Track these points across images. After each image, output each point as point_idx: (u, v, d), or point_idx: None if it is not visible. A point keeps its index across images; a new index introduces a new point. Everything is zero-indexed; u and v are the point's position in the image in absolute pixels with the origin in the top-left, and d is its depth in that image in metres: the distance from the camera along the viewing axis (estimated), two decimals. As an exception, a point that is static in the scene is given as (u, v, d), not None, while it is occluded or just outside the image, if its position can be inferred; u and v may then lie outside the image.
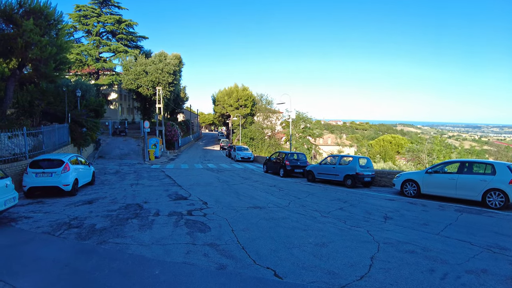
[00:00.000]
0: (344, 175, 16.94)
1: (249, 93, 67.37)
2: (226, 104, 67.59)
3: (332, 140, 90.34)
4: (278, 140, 63.20)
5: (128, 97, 56.84)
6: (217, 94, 72.25)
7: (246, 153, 36.48)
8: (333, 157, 19.15)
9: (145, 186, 15.10)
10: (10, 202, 8.84)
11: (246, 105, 66.10)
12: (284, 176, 20.78)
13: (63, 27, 17.70)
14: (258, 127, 62.84)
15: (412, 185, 13.75)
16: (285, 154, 21.93)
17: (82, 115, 25.46)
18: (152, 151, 32.02)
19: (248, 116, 66.35)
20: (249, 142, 57.96)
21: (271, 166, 23.02)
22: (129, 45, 50.53)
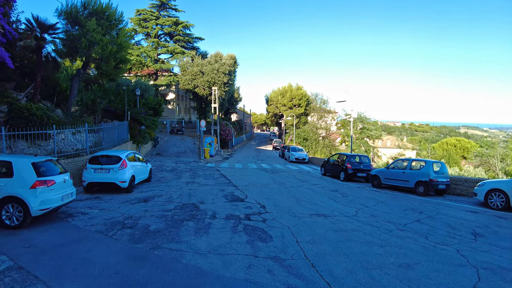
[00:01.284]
0: (416, 181, 15.00)
1: (303, 92, 65.67)
2: (280, 103, 66.59)
3: (391, 142, 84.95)
4: (332, 141, 60.68)
5: (185, 97, 58.39)
6: (270, 94, 71.56)
7: (300, 154, 35.06)
8: (402, 161, 17.17)
9: (201, 185, 14.62)
10: (67, 197, 8.65)
11: (300, 105, 64.50)
12: (345, 180, 19.18)
13: (123, 27, 17.94)
14: (312, 127, 60.91)
15: (499, 196, 11.62)
16: (346, 156, 20.28)
17: (141, 113, 26.09)
18: (207, 149, 32.09)
19: (301, 116, 64.70)
20: (302, 143, 56.35)
21: (330, 169, 21.48)
22: (186, 46, 51.76)
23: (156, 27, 49.16)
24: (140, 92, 33.10)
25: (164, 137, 39.65)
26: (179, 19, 49.95)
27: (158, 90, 46.92)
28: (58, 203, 8.16)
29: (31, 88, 17.00)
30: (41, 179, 7.86)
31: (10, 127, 12.75)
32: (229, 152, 42.28)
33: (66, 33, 15.76)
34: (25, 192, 7.62)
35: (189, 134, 42.87)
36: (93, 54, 15.39)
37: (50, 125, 13.56)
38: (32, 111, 13.07)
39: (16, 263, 5.60)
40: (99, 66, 16.71)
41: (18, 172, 7.78)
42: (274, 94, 69.38)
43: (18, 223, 7.64)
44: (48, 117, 13.77)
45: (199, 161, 28.08)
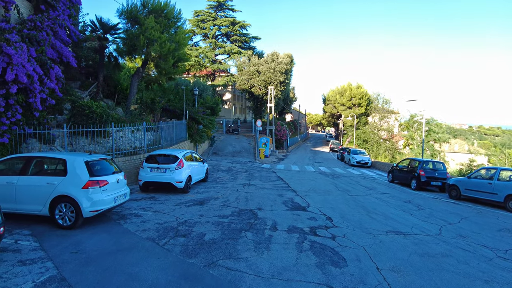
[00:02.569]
0: (506, 195, 12.53)
1: (364, 91, 62.14)
2: (338, 103, 63.79)
3: (459, 146, 77.15)
4: (395, 143, 56.44)
5: (241, 97, 58.48)
6: (328, 93, 68.98)
7: (362, 157, 32.55)
8: (487, 169, 14.60)
9: (258, 188, 13.65)
10: (120, 198, 8.15)
11: (360, 104, 61.13)
12: (417, 189, 16.94)
13: (181, 25, 17.69)
14: (372, 128, 57.29)
15: None
16: (418, 162, 17.97)
17: (199, 112, 26.04)
18: (262, 150, 31.29)
19: (361, 116, 61.26)
20: (362, 145, 53.16)
21: (398, 176, 19.25)
22: (242, 46, 51.67)
23: (214, 28, 49.69)
24: (198, 92, 33.35)
25: (220, 136, 39.74)
26: (236, 19, 49.99)
27: (215, 90, 47.36)
28: (110, 204, 7.67)
29: (94, 87, 17.43)
30: (93, 179, 7.41)
31: (72, 124, 12.94)
32: (284, 153, 41.12)
33: (126, 32, 15.84)
34: (78, 192, 7.21)
35: (245, 134, 42.55)
36: (152, 51, 15.25)
37: (109, 122, 13.57)
38: (92, 108, 13.14)
39: (59, 273, 5.04)
40: (157, 64, 16.59)
41: (72, 170, 7.40)
42: (332, 93, 66.75)
43: (70, 224, 7.26)
44: (107, 114, 13.80)
45: (254, 161, 27.34)
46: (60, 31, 12.99)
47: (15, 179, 7.49)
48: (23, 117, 11.29)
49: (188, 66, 48.27)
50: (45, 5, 12.83)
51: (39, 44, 11.87)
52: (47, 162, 7.82)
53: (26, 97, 11.36)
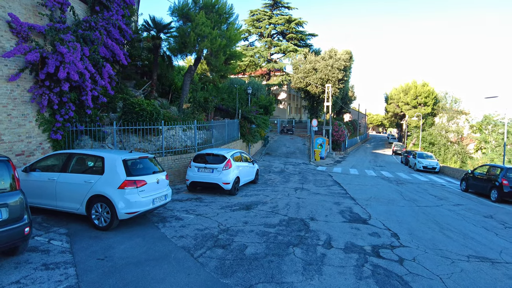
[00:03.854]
0: None
1: (430, 89, 56.95)
2: (401, 102, 59.30)
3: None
4: (464, 147, 50.75)
5: (296, 97, 57.15)
6: (390, 92, 64.58)
7: (430, 161, 29.30)
8: None
9: (311, 193, 12.42)
10: (160, 200, 7.57)
11: (426, 103, 56.12)
12: (498, 201, 14.29)
13: (233, 21, 17.10)
14: (440, 129, 52.18)
15: None
16: (500, 169, 15.22)
17: (252, 111, 25.42)
18: (318, 151, 29.75)
19: (427, 117, 56.22)
20: (427, 148, 48.62)
21: (474, 184, 16.59)
22: (298, 44, 50.32)
23: (269, 27, 49.02)
24: (252, 91, 32.85)
25: (274, 136, 38.88)
26: (292, 17, 48.81)
27: (270, 89, 46.67)
28: (147, 206, 7.11)
29: (148, 86, 17.57)
30: (130, 178, 6.90)
31: (123, 122, 12.94)
32: (342, 155, 38.95)
33: (178, 30, 15.63)
34: (113, 192, 6.74)
35: (299, 134, 41.19)
36: (202, 48, 14.81)
37: (159, 120, 13.40)
38: (143, 106, 13.01)
39: (78, 283, 4.49)
40: (209, 61, 16.19)
41: (109, 169, 6.98)
42: (395, 91, 62.33)
43: (105, 225, 6.83)
44: (157, 112, 13.63)
45: (309, 163, 25.97)
46: (113, 30, 13.07)
47: (55, 176, 7.29)
48: (75, 114, 11.43)
49: (244, 66, 48.22)
50: (100, 6, 13.00)
51: (93, 43, 11.98)
52: (86, 159, 7.52)
53: (79, 95, 11.49)
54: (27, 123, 10.00)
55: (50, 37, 10.38)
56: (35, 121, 10.27)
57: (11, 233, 4.76)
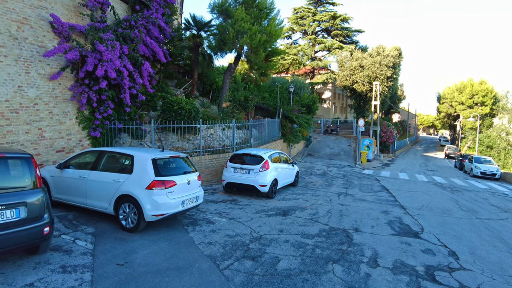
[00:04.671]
0: None
1: (489, 87, 51.94)
2: (455, 101, 54.84)
3: None
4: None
5: (341, 95, 55.20)
6: (443, 90, 60.11)
7: (489, 167, 26.39)
8: None
9: (356, 200, 11.39)
10: (190, 202, 7.15)
11: (484, 103, 51.28)
12: None
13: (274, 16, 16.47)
14: (499, 132, 47.30)
15: None
16: None
17: (293, 110, 24.62)
18: (364, 153, 28.15)
19: (485, 118, 51.34)
20: (485, 152, 44.24)
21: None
22: (344, 41, 48.48)
23: (313, 24, 47.74)
24: (295, 90, 31.98)
25: (317, 136, 37.65)
26: (337, 13, 47.12)
27: (313, 88, 45.41)
28: (175, 209, 6.70)
29: (188, 85, 17.50)
30: (159, 179, 6.54)
31: (162, 120, 12.85)
32: (390, 158, 36.70)
33: (217, 27, 15.34)
34: (141, 193, 6.42)
35: (344, 135, 39.51)
36: (241, 43, 14.34)
37: (198, 119, 13.16)
38: (181, 105, 12.83)
39: (92, 293, 4.10)
40: (248, 58, 15.72)
41: (137, 168, 6.67)
42: (448, 90, 57.88)
43: (132, 226, 6.53)
44: (196, 111, 13.40)
45: (354, 166, 24.58)
46: (152, 29, 13.05)
47: (86, 174, 7.16)
48: (114, 112, 11.49)
49: (287, 65, 47.44)
50: (140, 5, 13.04)
51: (132, 41, 12.00)
52: (117, 157, 7.30)
53: (118, 93, 11.56)
54: (68, 121, 10.16)
55: (90, 36, 10.48)
56: (75, 119, 10.42)
57: (29, 232, 4.55)
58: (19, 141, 8.71)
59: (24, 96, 8.83)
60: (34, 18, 9.03)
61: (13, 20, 8.51)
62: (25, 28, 8.80)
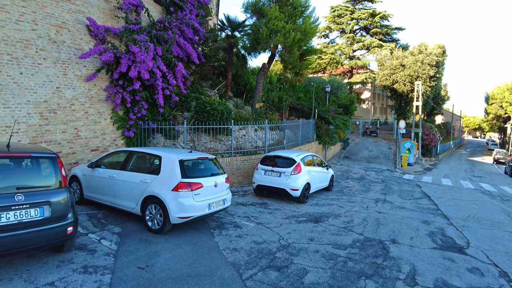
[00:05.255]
0: None
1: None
2: (506, 102, 50.82)
3: None
4: None
5: (381, 96, 53.12)
6: (492, 90, 56.05)
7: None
8: None
9: (394, 207, 10.63)
10: (217, 205, 6.94)
11: (542, 103, 47.14)
12: None
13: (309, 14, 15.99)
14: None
15: None
16: None
17: (329, 111, 23.86)
18: (405, 156, 26.70)
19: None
20: (540, 156, 40.47)
21: None
22: (383, 39, 46.60)
23: (351, 22, 46.34)
24: (333, 90, 31.06)
25: (355, 138, 36.41)
26: (376, 10, 45.41)
27: (351, 88, 44.05)
28: (201, 212, 6.52)
29: (222, 86, 17.46)
30: (185, 180, 6.39)
31: (195, 121, 12.86)
32: (432, 162, 34.61)
33: (251, 27, 15.14)
34: (166, 194, 6.31)
35: (384, 137, 37.89)
36: (275, 42, 14.02)
37: (230, 120, 13.03)
38: (214, 105, 12.76)
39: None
40: (282, 58, 15.37)
41: (165, 169, 6.58)
42: (498, 90, 53.83)
43: (158, 228, 6.44)
44: (228, 112, 13.27)
45: (394, 170, 23.36)
46: (186, 30, 13.09)
47: (115, 173, 7.20)
48: (148, 112, 11.63)
49: (324, 65, 46.43)
50: (174, 7, 13.13)
51: (166, 42, 12.10)
52: (145, 158, 7.27)
53: (152, 93, 11.69)
54: (102, 120, 10.39)
55: (124, 38, 10.67)
56: (110, 119, 10.65)
57: (52, 232, 4.56)
58: (56, 140, 9.00)
59: (61, 97, 9.12)
60: (72, 22, 9.30)
61: (52, 24, 8.81)
62: (63, 32, 9.09)
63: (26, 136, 8.39)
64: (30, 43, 8.39)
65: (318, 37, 48.33)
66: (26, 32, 8.29)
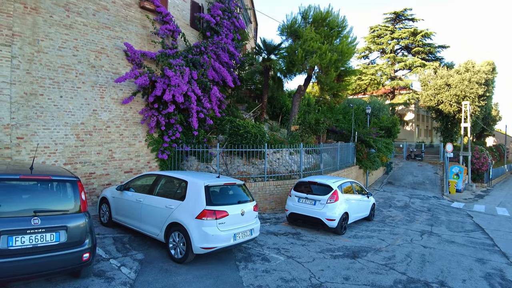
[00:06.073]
0: None
1: None
2: None
3: None
4: None
5: (426, 117, 50.57)
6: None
7: None
8: None
9: (442, 242, 9.48)
10: (243, 236, 6.50)
11: None
12: None
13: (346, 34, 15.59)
14: None
15: None
16: None
17: (370, 133, 22.81)
18: (453, 182, 24.69)
19: None
20: None
21: None
22: (426, 58, 44.79)
23: (392, 42, 45.15)
24: (374, 112, 29.96)
25: (399, 162, 34.52)
26: (417, 29, 43.96)
27: (394, 109, 42.36)
28: (226, 242, 6.11)
29: (258, 108, 17.33)
30: (210, 208, 6.06)
31: (229, 144, 12.69)
32: (484, 188, 31.73)
33: (286, 49, 15.02)
34: (190, 222, 6.00)
35: (430, 161, 35.59)
36: (310, 63, 13.70)
37: (264, 143, 12.72)
38: (247, 128, 12.54)
39: None
40: (319, 79, 14.98)
41: (190, 195, 6.31)
42: None
43: (181, 257, 6.11)
44: (262, 135, 12.97)
45: (441, 197, 21.58)
46: (222, 54, 13.20)
47: (142, 197, 7.06)
48: (182, 135, 11.65)
49: (364, 86, 45.35)
50: (210, 31, 13.35)
51: (202, 66, 12.21)
52: (172, 182, 7.07)
53: (187, 116, 11.73)
54: (137, 143, 10.50)
55: (161, 62, 10.89)
56: (144, 141, 10.75)
57: (67, 258, 4.42)
58: (90, 161, 9.16)
59: (97, 119, 9.33)
60: (111, 48, 9.63)
61: (92, 50, 9.16)
62: (102, 57, 9.41)
63: (63, 156, 8.60)
64: (71, 68, 8.73)
65: (358, 58, 47.55)
66: (67, 57, 8.66)
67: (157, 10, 10.89)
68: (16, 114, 7.78)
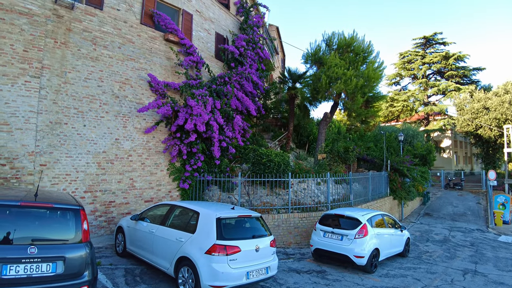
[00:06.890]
0: None
1: None
2: None
3: None
4: None
5: (464, 143, 47.89)
6: None
7: None
8: None
9: (489, 283, 8.34)
10: (257, 274, 6.01)
11: None
12: None
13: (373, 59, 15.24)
14: None
15: None
16: None
17: (404, 162, 21.63)
18: (499, 213, 22.53)
19: None
20: None
21: None
22: (461, 81, 43.06)
23: (423, 67, 43.96)
24: (408, 139, 28.74)
25: (437, 192, 32.42)
26: (449, 52, 42.65)
27: (429, 136, 40.51)
28: (237, 281, 5.64)
29: (284, 137, 17.04)
30: (220, 242, 5.68)
31: (252, 173, 12.38)
32: (539, 221, 28.86)
33: (311, 77, 14.88)
34: (199, 257, 5.64)
35: (471, 190, 33.12)
36: (335, 90, 13.36)
37: (287, 172, 12.28)
38: (271, 157, 12.21)
39: None
40: (345, 106, 14.55)
41: (201, 227, 6.00)
42: None
43: (189, 294, 5.71)
44: (286, 164, 12.56)
45: (486, 230, 19.69)
46: (246, 84, 13.26)
47: (155, 228, 6.84)
48: (204, 164, 11.52)
49: (397, 113, 44.07)
50: (234, 62, 13.51)
51: (226, 96, 12.25)
52: (185, 213, 6.80)
53: (209, 145, 11.63)
54: (159, 172, 10.46)
55: (184, 92, 11.02)
56: (166, 170, 10.71)
57: (62, 290, 4.14)
58: (111, 190, 9.17)
59: (120, 148, 9.43)
60: (135, 79, 9.87)
61: (116, 81, 9.42)
62: (126, 88, 9.64)
63: (83, 184, 8.67)
64: (95, 98, 8.98)
65: (388, 84, 46.63)
66: (92, 88, 8.93)
67: (181, 42, 11.17)
68: (40, 142, 8.00)
